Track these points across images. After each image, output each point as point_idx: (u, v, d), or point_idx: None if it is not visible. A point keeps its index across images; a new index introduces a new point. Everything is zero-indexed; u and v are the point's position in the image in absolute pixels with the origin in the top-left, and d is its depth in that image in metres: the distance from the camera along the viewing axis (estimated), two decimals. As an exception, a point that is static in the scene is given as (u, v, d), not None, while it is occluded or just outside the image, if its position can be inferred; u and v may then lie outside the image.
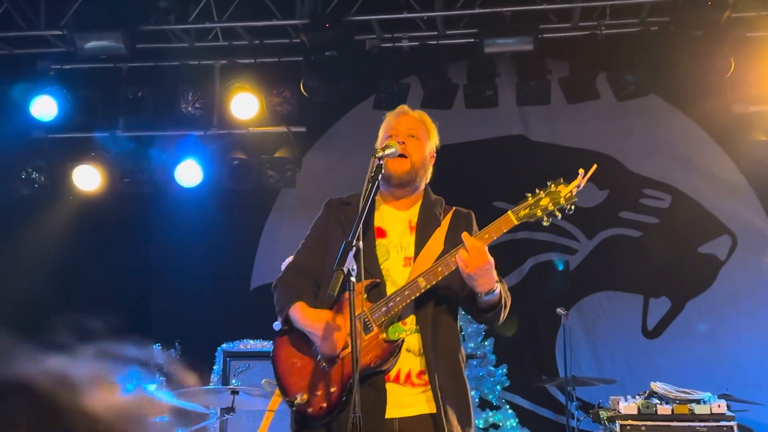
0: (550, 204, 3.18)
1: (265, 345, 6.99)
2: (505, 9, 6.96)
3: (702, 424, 5.32)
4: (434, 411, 3.14)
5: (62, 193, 8.09)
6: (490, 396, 7.60)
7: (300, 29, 7.23)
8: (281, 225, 8.58)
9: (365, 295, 3.18)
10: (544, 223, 3.21)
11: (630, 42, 7.11)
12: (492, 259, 3.11)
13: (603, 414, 5.63)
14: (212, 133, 7.97)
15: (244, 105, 7.48)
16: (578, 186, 3.19)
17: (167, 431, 5.68)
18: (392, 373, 3.19)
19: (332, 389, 3.13)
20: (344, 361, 3.13)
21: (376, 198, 3.40)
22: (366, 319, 3.15)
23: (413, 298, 3.15)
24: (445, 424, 3.11)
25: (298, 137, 8.04)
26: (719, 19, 6.57)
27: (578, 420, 6.25)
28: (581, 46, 7.22)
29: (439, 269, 3.14)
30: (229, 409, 5.50)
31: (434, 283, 3.14)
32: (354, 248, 2.85)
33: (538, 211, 3.19)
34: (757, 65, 6.88)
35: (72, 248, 8.19)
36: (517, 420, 7.47)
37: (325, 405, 3.12)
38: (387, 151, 3.19)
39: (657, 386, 5.58)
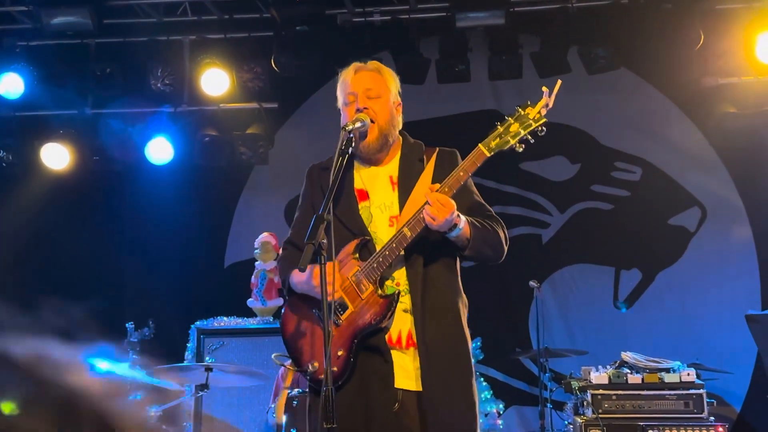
0: (521, 128, 3.12)
1: (239, 322, 6.99)
2: (476, -18, 6.94)
3: (672, 392, 5.40)
4: (420, 389, 3.13)
5: (31, 172, 7.98)
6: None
7: (270, 3, 7.17)
8: (254, 202, 8.55)
9: (356, 255, 3.18)
10: (518, 149, 3.13)
11: (601, 16, 7.12)
12: (454, 204, 3.07)
13: (575, 384, 5.70)
14: (183, 109, 7.89)
15: (215, 81, 7.41)
16: (546, 105, 3.15)
17: (141, 409, 5.67)
18: (393, 336, 3.17)
19: (339, 353, 3.14)
20: (344, 323, 3.15)
21: (354, 161, 3.37)
22: (360, 278, 3.14)
23: (402, 250, 3.12)
24: (436, 404, 3.09)
25: (270, 113, 7.99)
26: (689, -8, 6.62)
27: (551, 391, 6.33)
28: (552, 20, 7.21)
29: (422, 216, 3.09)
30: (204, 386, 5.50)
31: (419, 230, 3.10)
32: (325, 222, 2.85)
33: (509, 138, 3.12)
34: (727, 38, 6.92)
35: (42, 227, 8.12)
36: (491, 392, 7.52)
37: (335, 369, 3.12)
38: (357, 125, 3.19)
39: (627, 356, 5.66)
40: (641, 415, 5.40)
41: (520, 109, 3.14)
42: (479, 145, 3.14)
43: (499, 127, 3.13)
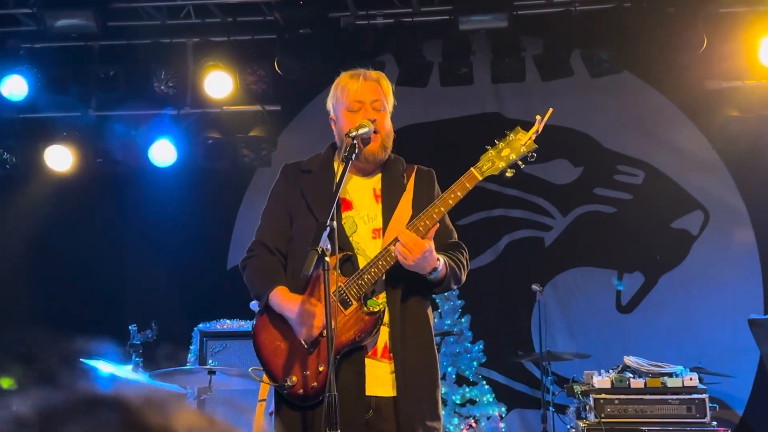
0: (512, 154, 3.16)
1: (242, 324, 6.98)
2: (479, -15, 6.94)
3: (674, 396, 5.40)
4: (395, 394, 3.16)
5: (34, 174, 8.00)
6: (467, 372, 7.65)
7: (274, 6, 7.18)
8: (257, 204, 8.43)
9: (338, 270, 3.13)
10: (508, 175, 3.17)
11: (604, 19, 7.12)
12: (430, 245, 3.09)
13: (577, 388, 5.69)
14: (186, 112, 7.90)
15: (218, 83, 7.42)
16: (537, 132, 3.18)
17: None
18: (369, 347, 3.20)
19: (321, 368, 3.13)
20: (325, 340, 3.10)
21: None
22: (343, 294, 3.13)
23: (388, 268, 3.13)
24: (408, 409, 3.13)
25: (272, 116, 8.00)
26: (692, -4, 6.62)
27: (553, 394, 6.32)
28: (555, 23, 7.21)
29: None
30: (206, 389, 5.51)
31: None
32: (328, 228, 2.85)
33: (501, 162, 3.15)
34: (730, 41, 6.92)
35: (45, 229, 8.13)
36: (493, 395, 7.53)
37: (315, 384, 3.13)
38: (361, 131, 3.18)
39: (630, 360, 5.65)
40: (644, 419, 5.39)
41: (511, 135, 3.19)
42: (471, 169, 3.18)
43: (490, 151, 3.17)
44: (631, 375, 5.53)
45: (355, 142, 3.14)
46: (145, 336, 5.87)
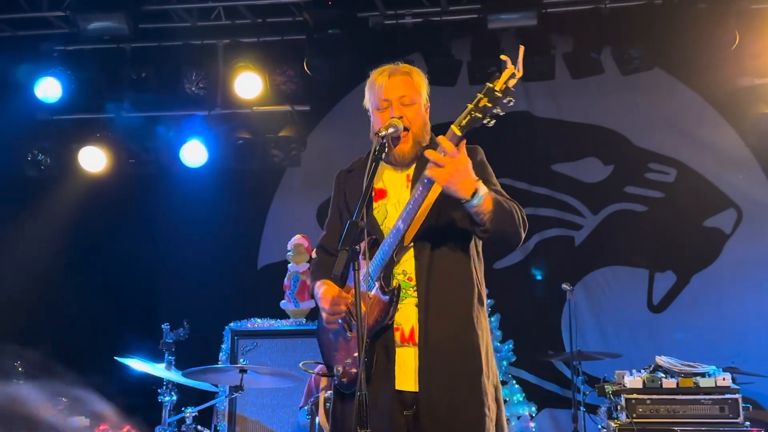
0: (489, 102, 2.95)
1: (273, 323, 7.04)
2: (508, -17, 6.92)
3: (707, 397, 5.34)
4: (416, 389, 3.08)
5: (68, 175, 8.12)
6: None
7: (303, 7, 7.22)
8: (287, 204, 8.60)
9: (366, 255, 3.07)
10: (489, 124, 2.98)
11: (634, 16, 7.06)
12: (468, 160, 2.97)
13: (608, 388, 5.65)
14: (216, 113, 7.98)
15: (248, 84, 7.49)
16: (513, 76, 2.98)
17: (176, 410, 5.73)
18: (406, 331, 3.12)
19: (355, 354, 3.14)
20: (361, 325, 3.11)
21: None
22: (368, 278, 3.15)
23: (397, 243, 3.09)
24: (434, 406, 3.04)
25: (302, 116, 8.05)
26: (724, -8, 6.54)
27: (584, 394, 6.28)
28: (585, 21, 7.16)
29: (411, 206, 3.03)
30: (238, 388, 5.54)
31: (410, 222, 3.05)
32: (358, 227, 2.86)
33: (478, 113, 2.95)
34: (762, 38, 6.82)
35: (78, 230, 8.24)
36: (523, 395, 7.51)
37: (355, 370, 3.14)
38: (390, 130, 3.16)
39: (662, 360, 5.60)
40: (676, 419, 5.33)
41: (488, 84, 2.98)
42: (452, 125, 3.00)
43: (469, 105, 2.99)
44: (663, 375, 5.48)
45: (384, 141, 3.13)
46: (177, 334, 5.92)
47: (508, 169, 7.83)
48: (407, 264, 3.17)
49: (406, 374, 3.11)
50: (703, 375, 5.41)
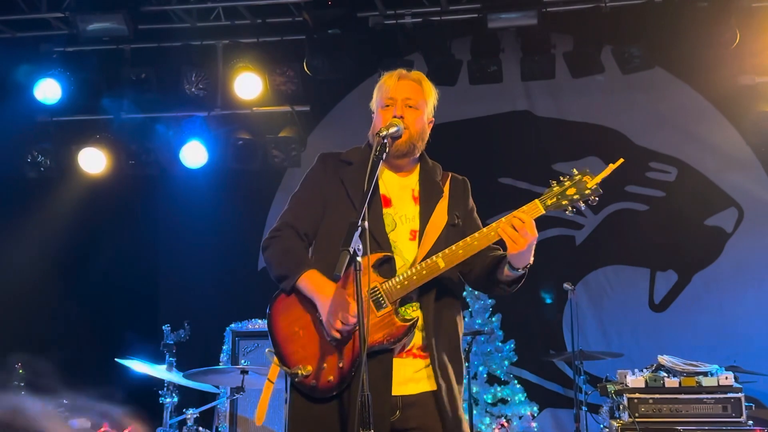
0: (576, 194, 3.18)
1: (274, 324, 7.02)
2: (508, -17, 6.91)
3: (709, 396, 5.33)
4: (435, 388, 3.16)
5: (68, 176, 8.11)
6: (498, 371, 7.64)
7: (302, 7, 7.20)
8: (287, 205, 8.57)
9: (375, 270, 3.13)
10: (568, 213, 3.21)
11: (635, 14, 7.05)
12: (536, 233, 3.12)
13: (611, 387, 5.64)
14: (216, 113, 7.97)
15: (248, 85, 7.48)
16: (604, 178, 3.19)
17: (177, 412, 5.73)
18: (398, 350, 3.18)
19: (341, 364, 3.09)
20: (353, 336, 3.08)
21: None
22: (379, 296, 3.11)
23: (429, 279, 3.12)
24: (447, 401, 3.15)
25: (302, 116, 8.04)
26: (724, -10, 6.53)
27: (586, 394, 6.27)
28: (585, 20, 7.15)
29: (460, 252, 3.12)
30: (239, 389, 5.54)
31: (452, 266, 3.13)
32: (360, 228, 2.84)
33: (564, 200, 3.17)
34: (763, 36, 6.81)
35: (79, 231, 8.23)
36: (525, 394, 7.51)
37: (332, 378, 3.10)
38: (391, 130, 3.17)
39: (664, 359, 5.59)
40: (678, 419, 5.32)
41: (578, 174, 3.20)
42: (536, 201, 3.18)
43: (555, 187, 3.19)
44: (665, 374, 5.47)
45: (385, 141, 3.12)
46: (178, 336, 5.92)
47: (510, 169, 7.84)
48: (414, 292, 3.22)
49: (400, 381, 3.15)
50: (705, 374, 5.40)
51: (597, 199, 3.18)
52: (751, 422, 5.28)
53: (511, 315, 7.66)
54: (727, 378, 5.37)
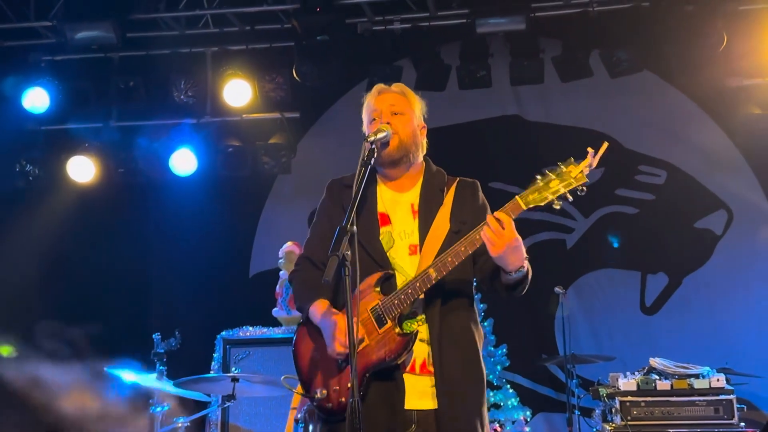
0: (561, 186, 3.00)
1: (265, 332, 7.00)
2: (496, -12, 6.93)
3: (701, 398, 5.34)
4: (436, 407, 3.13)
5: (57, 185, 8.07)
6: (491, 376, 7.62)
7: (291, 14, 7.20)
8: (278, 211, 8.57)
9: (378, 288, 3.15)
10: (555, 207, 3.02)
11: (622, 18, 7.08)
12: (519, 236, 3.00)
13: (603, 391, 5.65)
14: (206, 120, 7.95)
15: (237, 92, 7.47)
16: (589, 165, 3.03)
17: (168, 420, 5.69)
18: (407, 363, 3.17)
19: (349, 384, 3.04)
20: (359, 355, 3.08)
21: (378, 181, 3.36)
22: (380, 313, 3.12)
23: (425, 290, 3.10)
24: (447, 421, 3.10)
25: (292, 123, 8.03)
26: (710, -7, 6.57)
27: (578, 397, 6.28)
28: (574, 24, 7.19)
29: (449, 259, 3.06)
30: (230, 397, 5.51)
31: (445, 274, 3.08)
32: (348, 233, 2.83)
33: (548, 194, 3.00)
34: (750, 38, 6.85)
35: (68, 240, 8.21)
36: (518, 399, 7.49)
37: (343, 399, 3.10)
38: (379, 135, 3.17)
39: (656, 362, 5.60)
40: (671, 421, 5.34)
41: (562, 166, 3.03)
42: (516, 197, 3.04)
43: (539, 181, 3.03)
44: (657, 377, 5.48)
45: (373, 147, 3.13)
46: (169, 344, 5.89)
47: (500, 173, 7.83)
48: (418, 305, 3.19)
49: (413, 396, 3.14)
50: (697, 376, 5.42)
51: (585, 189, 3.00)
52: (743, 424, 5.30)
53: (502, 320, 7.65)
54: (718, 380, 5.39)
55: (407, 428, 3.11)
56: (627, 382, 5.49)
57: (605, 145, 3.06)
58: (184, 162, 7.84)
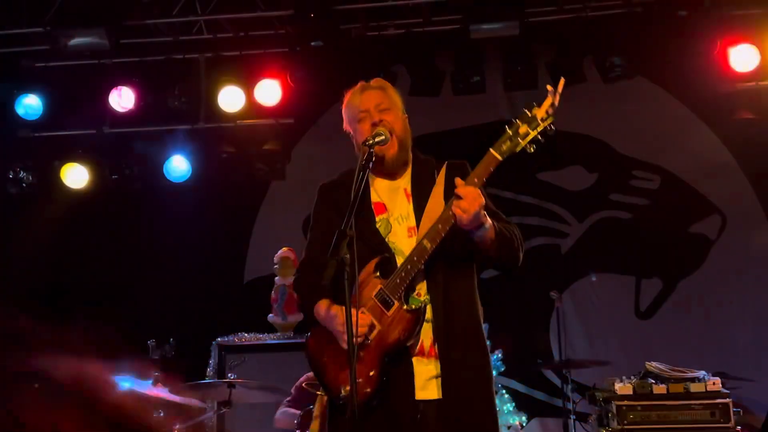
0: (530, 129, 3.12)
1: (260, 337, 7.00)
2: (490, -6, 6.94)
3: (697, 402, 5.35)
4: (440, 396, 3.13)
5: (51, 192, 8.04)
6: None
7: (285, 20, 7.20)
8: (272, 218, 8.56)
9: (377, 273, 3.16)
10: (529, 150, 3.13)
11: (616, 24, 7.11)
12: (480, 195, 3.06)
13: (599, 395, 5.66)
14: (199, 127, 7.92)
15: (231, 98, 7.46)
16: (552, 105, 3.14)
17: (164, 427, 5.67)
18: (418, 348, 3.17)
19: (371, 372, 3.11)
20: (373, 343, 3.12)
21: (369, 175, 3.36)
22: (384, 296, 3.13)
23: (423, 262, 3.11)
24: (450, 413, 3.10)
25: (286, 129, 8.02)
26: (704, -1, 6.61)
27: (574, 402, 6.28)
28: (567, 30, 7.21)
29: (440, 226, 3.09)
30: (226, 403, 5.50)
31: (439, 241, 3.09)
32: (347, 237, 2.84)
33: (519, 139, 3.12)
34: (743, 43, 6.87)
35: (62, 247, 8.17)
36: (513, 404, 7.46)
37: (369, 390, 3.10)
38: (377, 139, 3.20)
39: (652, 366, 5.61)
40: (667, 425, 5.35)
41: (527, 111, 3.14)
42: (490, 149, 3.13)
43: (508, 130, 3.13)
44: (653, 381, 5.49)
45: (372, 150, 3.15)
46: (164, 351, 5.88)
47: (494, 179, 7.83)
48: (418, 283, 3.21)
49: (420, 384, 3.15)
50: (693, 380, 5.43)
51: (553, 128, 3.12)
52: (739, 428, 5.30)
53: (497, 325, 7.61)
54: (714, 384, 5.40)
55: (414, 417, 3.11)
56: (623, 386, 5.49)
57: (562, 81, 3.17)
58: (178, 168, 7.84)
